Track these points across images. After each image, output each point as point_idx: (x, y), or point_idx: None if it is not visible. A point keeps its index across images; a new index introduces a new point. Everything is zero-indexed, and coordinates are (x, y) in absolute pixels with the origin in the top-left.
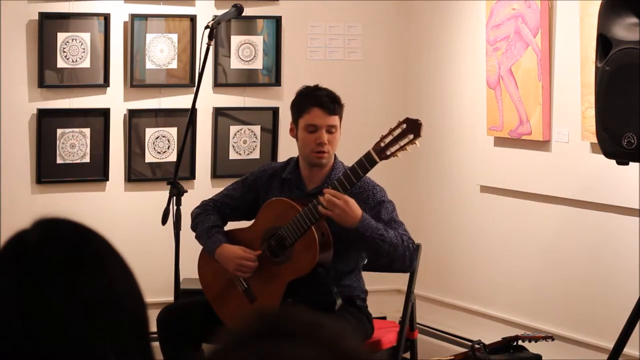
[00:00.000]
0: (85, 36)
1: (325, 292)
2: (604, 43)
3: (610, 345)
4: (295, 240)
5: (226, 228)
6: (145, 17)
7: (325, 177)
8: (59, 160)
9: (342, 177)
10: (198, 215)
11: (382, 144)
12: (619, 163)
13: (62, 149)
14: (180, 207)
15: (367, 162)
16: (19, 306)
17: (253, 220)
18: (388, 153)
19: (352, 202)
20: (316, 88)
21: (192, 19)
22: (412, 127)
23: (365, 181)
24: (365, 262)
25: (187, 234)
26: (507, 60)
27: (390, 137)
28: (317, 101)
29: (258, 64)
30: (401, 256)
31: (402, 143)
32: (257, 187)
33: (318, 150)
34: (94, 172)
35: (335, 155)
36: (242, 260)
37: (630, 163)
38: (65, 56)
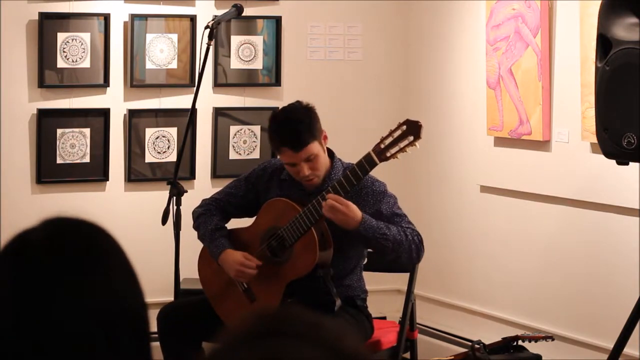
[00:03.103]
0: (85, 36)
1: (325, 293)
2: (604, 43)
3: (610, 345)
4: (295, 241)
5: (228, 225)
6: (145, 17)
7: (325, 178)
8: (59, 160)
9: (342, 179)
10: (201, 215)
11: (382, 146)
12: (619, 163)
13: (62, 149)
14: (180, 207)
15: (367, 163)
16: (17, 306)
17: (254, 219)
18: (388, 155)
19: (353, 206)
20: (281, 123)
21: (192, 19)
22: (412, 129)
23: (365, 179)
24: (366, 261)
25: (187, 234)
26: (507, 60)
27: (390, 139)
28: (282, 142)
29: (258, 64)
30: (407, 250)
31: (402, 145)
32: (258, 185)
33: (305, 180)
34: (94, 172)
35: (334, 154)
36: (242, 267)
37: (630, 163)
38: (65, 56)
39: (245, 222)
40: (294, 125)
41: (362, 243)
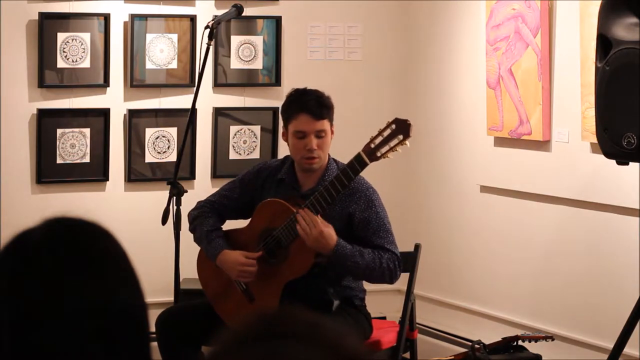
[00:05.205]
0: (85, 36)
1: (322, 293)
2: (604, 43)
3: (610, 345)
4: (291, 242)
5: (224, 227)
6: (145, 17)
7: (319, 179)
8: (59, 160)
9: (334, 180)
10: (196, 218)
11: (372, 145)
12: (619, 163)
13: (62, 149)
14: (180, 207)
15: (357, 164)
16: (17, 306)
17: (249, 221)
18: (378, 154)
19: (326, 232)
20: (304, 92)
21: (192, 19)
22: (402, 128)
23: (359, 181)
24: None
25: (187, 234)
26: (507, 60)
27: (380, 138)
28: (303, 107)
29: (258, 64)
30: (378, 277)
31: (392, 144)
32: (253, 188)
33: (308, 156)
34: (94, 172)
35: (329, 155)
36: (244, 267)
37: (630, 163)
38: (65, 56)
39: (241, 224)
40: (319, 97)
41: (334, 264)
